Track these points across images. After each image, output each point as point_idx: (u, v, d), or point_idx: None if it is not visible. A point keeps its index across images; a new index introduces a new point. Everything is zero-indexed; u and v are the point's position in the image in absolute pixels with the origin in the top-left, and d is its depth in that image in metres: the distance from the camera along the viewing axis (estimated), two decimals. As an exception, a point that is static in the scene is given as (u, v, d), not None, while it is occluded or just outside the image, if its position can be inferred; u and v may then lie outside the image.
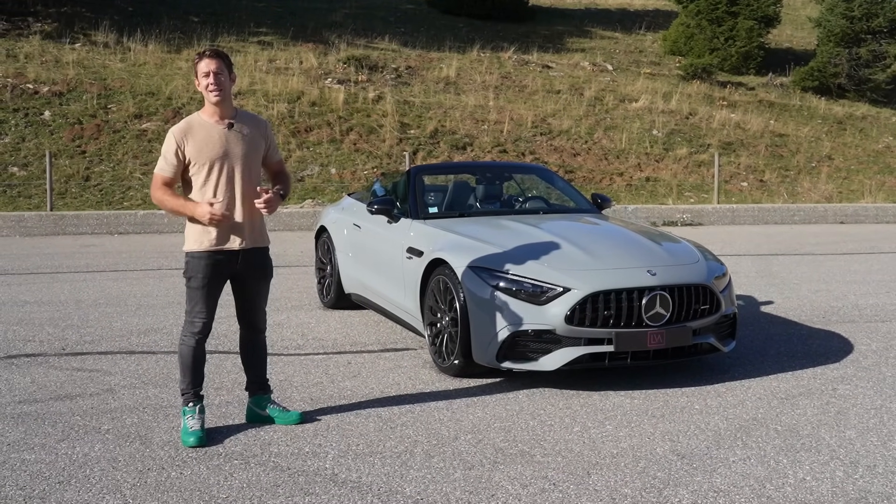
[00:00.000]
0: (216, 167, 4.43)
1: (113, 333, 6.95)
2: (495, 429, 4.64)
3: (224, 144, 4.44)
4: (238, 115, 4.57)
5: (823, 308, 8.04)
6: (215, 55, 4.46)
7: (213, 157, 4.42)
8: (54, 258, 11.36)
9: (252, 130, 4.57)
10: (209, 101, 4.46)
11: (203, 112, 4.53)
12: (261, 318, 4.77)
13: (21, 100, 17.75)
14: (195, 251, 4.47)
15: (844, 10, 26.03)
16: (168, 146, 4.44)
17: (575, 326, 5.18)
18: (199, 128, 4.45)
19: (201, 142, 4.41)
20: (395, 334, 6.95)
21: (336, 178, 17.19)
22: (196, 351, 4.54)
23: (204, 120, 4.49)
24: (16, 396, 5.23)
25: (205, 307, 4.50)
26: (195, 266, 4.47)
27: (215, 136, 4.44)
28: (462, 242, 5.88)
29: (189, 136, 4.41)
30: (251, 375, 4.81)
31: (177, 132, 4.44)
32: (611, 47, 27.60)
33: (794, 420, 4.78)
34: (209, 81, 4.41)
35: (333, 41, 23.05)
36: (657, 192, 18.49)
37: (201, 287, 4.47)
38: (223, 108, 4.48)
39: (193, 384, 4.56)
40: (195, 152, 4.40)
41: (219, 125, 4.47)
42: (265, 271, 4.70)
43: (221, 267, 4.50)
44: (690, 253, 5.85)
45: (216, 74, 4.41)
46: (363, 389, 5.39)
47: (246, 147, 4.51)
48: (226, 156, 4.44)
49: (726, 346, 5.69)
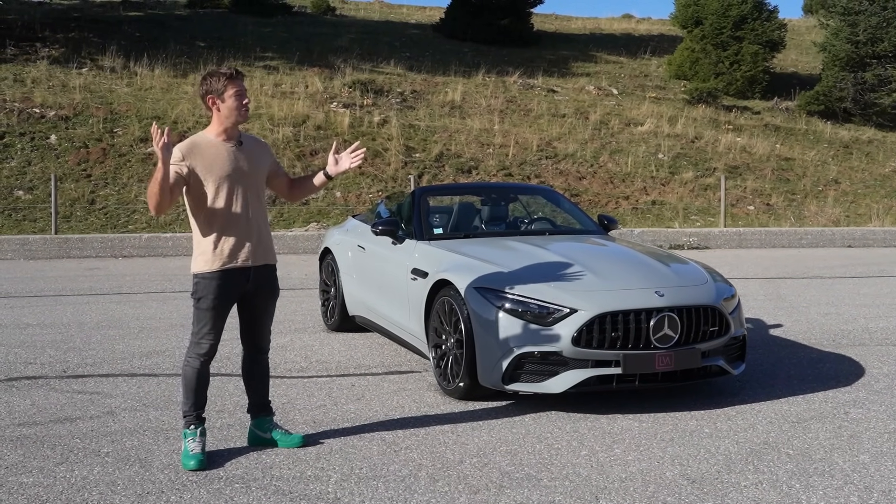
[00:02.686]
0: (226, 183, 4.41)
1: (115, 356, 6.88)
2: (501, 452, 4.55)
3: (233, 161, 4.44)
4: (243, 135, 4.60)
5: (833, 331, 7.94)
6: (243, 77, 4.50)
7: (223, 173, 4.40)
8: (58, 281, 11.31)
9: (256, 150, 4.60)
10: (237, 121, 4.45)
11: (209, 132, 4.51)
12: (265, 338, 4.72)
13: (27, 124, 17.80)
14: (205, 272, 4.42)
15: (849, 35, 26.08)
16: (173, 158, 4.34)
17: (582, 348, 5.10)
18: (206, 146, 4.43)
19: (211, 158, 4.39)
20: (400, 357, 6.87)
21: (341, 201, 17.16)
22: (201, 373, 4.48)
23: (211, 139, 4.47)
24: (15, 419, 5.16)
25: (213, 328, 4.45)
26: (205, 287, 4.42)
27: (224, 153, 4.44)
28: (467, 263, 5.82)
29: (195, 153, 4.38)
30: (253, 397, 4.74)
31: (184, 148, 4.40)
32: (616, 72, 27.67)
33: (806, 444, 4.68)
34: (245, 101, 4.44)
35: (339, 66, 23.14)
36: (663, 216, 18.43)
37: (211, 308, 4.41)
38: (234, 129, 4.49)
39: (196, 406, 4.49)
40: (205, 169, 4.38)
41: (227, 143, 4.47)
42: (273, 290, 4.65)
43: (232, 287, 4.46)
44: (699, 274, 5.78)
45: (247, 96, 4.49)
46: (367, 412, 5.31)
47: (254, 164, 4.53)
48: (236, 172, 4.44)
49: (736, 368, 5.60)
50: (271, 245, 4.66)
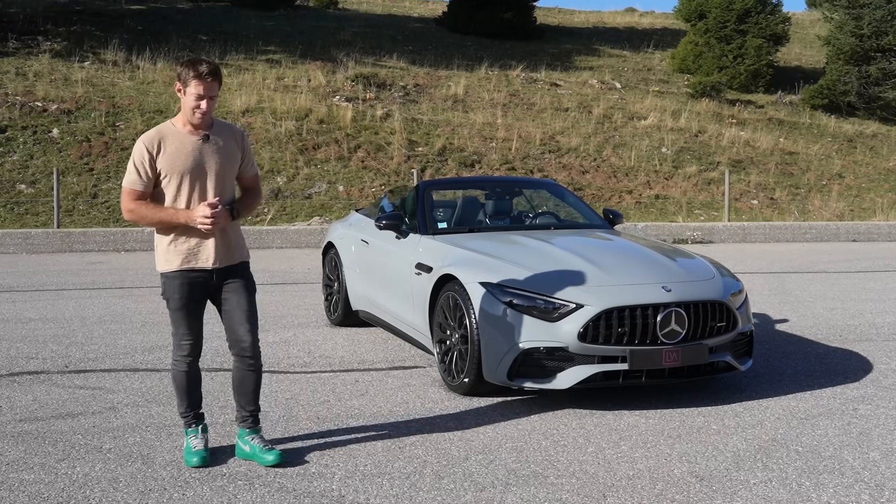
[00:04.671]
0: (187, 180, 4.11)
1: (117, 351, 6.84)
2: (507, 449, 4.51)
3: (197, 157, 4.13)
4: (214, 126, 4.25)
5: (840, 326, 7.88)
6: (214, 77, 4.08)
7: (184, 170, 4.10)
8: (60, 275, 11.28)
9: (228, 142, 4.25)
10: (191, 120, 4.14)
11: (176, 121, 4.20)
12: (245, 336, 4.27)
13: (30, 117, 17.75)
14: (166, 271, 4.21)
15: (854, 29, 25.96)
16: (139, 156, 4.09)
17: (588, 344, 5.05)
18: (171, 137, 4.12)
19: (173, 153, 4.09)
20: (404, 352, 6.82)
21: (344, 196, 17.11)
22: (189, 374, 4.32)
23: (177, 129, 4.16)
24: (17, 414, 5.12)
25: (188, 329, 4.27)
26: (170, 287, 4.21)
27: (188, 146, 4.12)
28: (472, 258, 5.77)
29: (161, 146, 4.09)
30: (238, 405, 4.42)
31: (147, 141, 4.10)
32: (619, 65, 27.57)
33: (815, 441, 4.63)
34: (199, 106, 4.08)
35: (341, 59, 23.06)
36: (667, 210, 18.36)
37: (179, 308, 4.22)
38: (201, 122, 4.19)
39: (191, 406, 4.38)
40: (167, 164, 4.08)
41: (193, 136, 4.15)
42: (245, 283, 4.32)
43: (196, 287, 4.21)
44: (706, 269, 5.72)
45: (210, 100, 4.11)
46: (371, 408, 5.27)
47: (220, 160, 4.19)
48: (198, 168, 4.13)
49: (743, 364, 5.55)
50: (240, 243, 4.36)
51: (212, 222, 4.05)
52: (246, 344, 4.27)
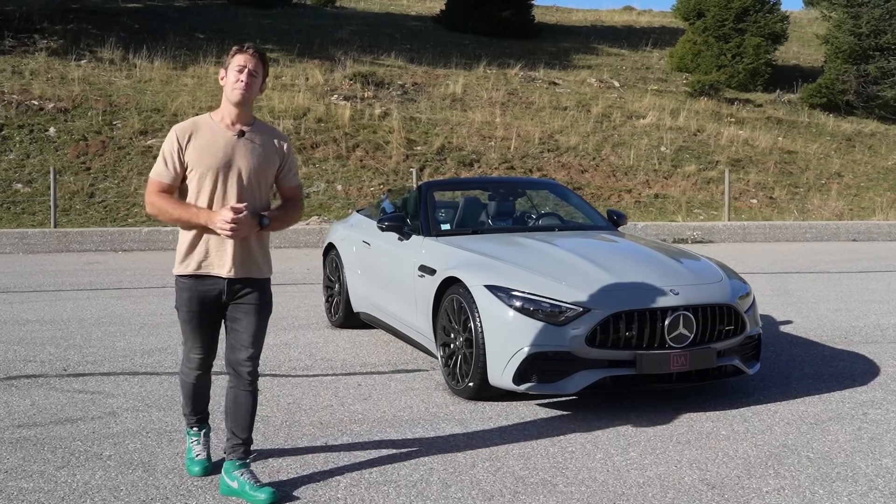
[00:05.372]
0: (212, 176, 3.79)
1: (116, 354, 6.76)
2: (514, 455, 4.44)
3: (228, 153, 3.81)
4: (256, 124, 3.95)
5: (844, 328, 7.82)
6: (258, 54, 3.85)
7: (211, 165, 3.79)
8: (57, 276, 11.18)
9: (266, 144, 3.93)
10: (230, 98, 3.83)
11: (214, 113, 3.92)
12: (248, 362, 3.92)
13: (26, 116, 17.65)
14: (178, 275, 3.90)
15: (852, 27, 25.93)
16: (169, 146, 3.82)
17: (596, 348, 4.98)
18: (204, 129, 3.84)
19: (203, 145, 3.80)
20: (406, 354, 6.75)
21: (342, 195, 17.03)
22: (197, 384, 4.10)
23: (212, 122, 3.88)
24: (15, 420, 5.03)
25: (195, 343, 3.96)
26: (180, 296, 3.93)
27: (221, 141, 3.82)
28: (476, 260, 5.69)
29: (193, 137, 3.81)
30: (229, 431, 4.00)
31: (180, 130, 3.83)
32: (617, 64, 27.51)
33: (826, 447, 4.57)
34: (240, 77, 3.79)
35: (339, 58, 22.97)
36: (666, 209, 18.31)
37: (188, 321, 3.93)
38: (241, 112, 3.86)
39: (195, 411, 4.20)
40: (195, 156, 3.79)
41: (228, 130, 3.85)
42: (259, 303, 3.95)
43: (208, 299, 3.88)
44: (713, 271, 5.66)
45: (251, 73, 3.81)
46: (375, 413, 5.19)
47: (254, 161, 3.86)
48: (227, 166, 3.80)
49: (751, 368, 5.49)
50: (263, 257, 3.99)
51: (232, 228, 3.69)
52: (246, 369, 3.92)
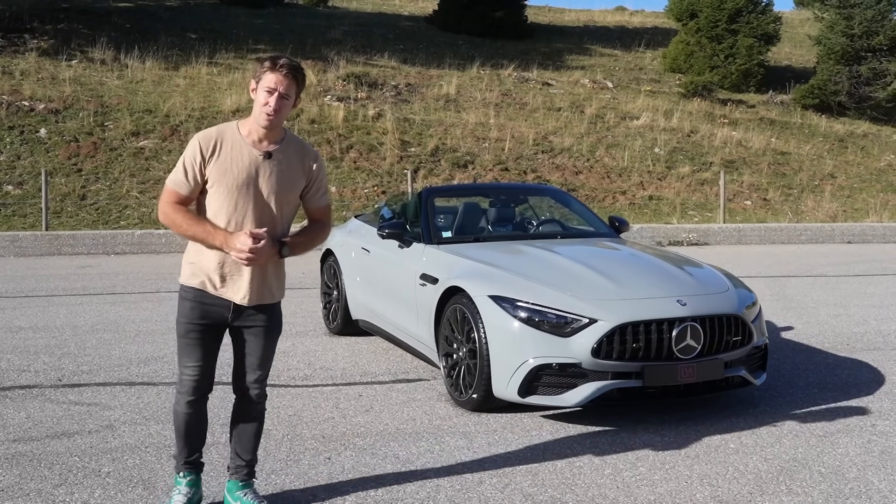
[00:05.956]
0: (233, 196, 3.54)
1: (111, 363, 6.66)
2: (521, 471, 4.36)
3: (251, 174, 3.56)
4: (285, 141, 3.68)
5: (846, 334, 7.78)
6: (292, 73, 3.57)
7: (232, 184, 3.54)
8: (50, 280, 11.06)
9: (293, 164, 3.66)
10: (258, 121, 3.57)
11: (242, 125, 3.65)
12: (254, 383, 3.75)
13: (17, 117, 17.49)
14: (183, 284, 3.65)
15: (845, 28, 25.99)
16: (191, 155, 3.55)
17: (602, 360, 4.91)
18: (230, 142, 3.58)
19: (227, 162, 3.54)
20: (406, 363, 6.67)
21: (336, 197, 16.93)
22: (190, 415, 3.70)
23: (239, 136, 3.60)
24: (10, 434, 4.93)
25: (192, 360, 3.64)
26: (182, 308, 3.64)
27: (245, 159, 3.56)
28: (480, 269, 5.62)
29: (217, 150, 3.55)
30: (233, 452, 3.86)
31: (204, 140, 3.56)
32: (610, 64, 27.49)
33: (836, 461, 4.51)
34: (268, 101, 3.53)
35: (332, 58, 22.87)
36: (661, 211, 18.27)
37: (186, 333, 3.63)
38: (269, 132, 3.63)
39: (187, 451, 3.76)
40: (216, 172, 3.53)
41: (255, 149, 3.59)
42: (270, 327, 3.73)
43: (211, 314, 3.62)
44: (720, 281, 5.59)
45: (281, 97, 3.54)
46: (377, 426, 5.11)
47: (279, 184, 3.61)
48: (249, 187, 3.55)
49: (757, 378, 5.42)
50: (280, 282, 3.75)
51: (248, 257, 3.47)
52: (254, 391, 3.77)
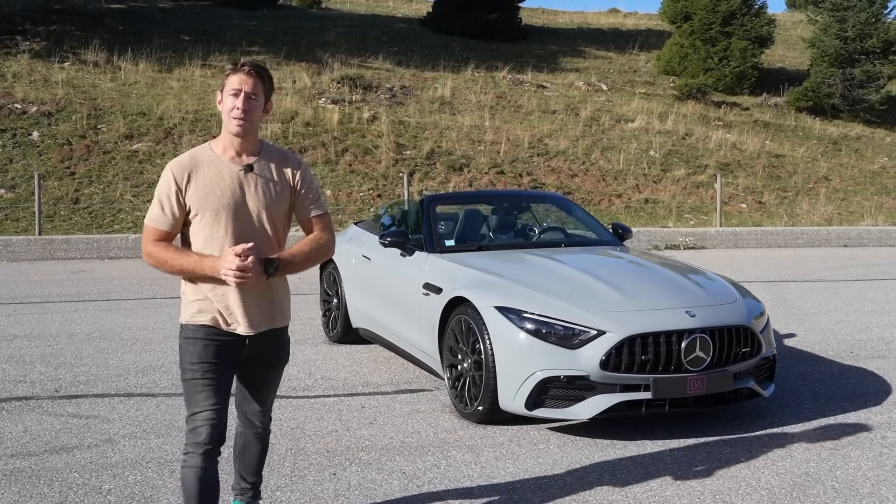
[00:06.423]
0: (222, 220, 3.27)
1: (109, 373, 6.56)
2: (531, 487, 4.29)
3: (236, 192, 3.30)
4: (263, 151, 3.42)
5: (849, 341, 7.74)
6: (255, 72, 3.30)
7: (218, 207, 3.27)
8: (44, 285, 10.94)
9: (278, 175, 3.40)
10: (228, 129, 3.31)
11: (215, 144, 3.38)
12: (260, 413, 3.58)
13: (9, 120, 17.33)
14: (185, 323, 3.34)
15: (838, 31, 25.99)
16: (165, 187, 3.28)
17: (610, 372, 4.84)
18: (206, 165, 3.30)
19: (207, 184, 3.27)
20: (408, 373, 6.59)
21: (332, 200, 16.83)
22: (203, 473, 3.27)
23: (214, 155, 3.33)
24: (8, 449, 4.84)
25: (209, 405, 3.26)
26: (186, 350, 3.31)
27: (226, 178, 3.29)
28: (484, 279, 5.54)
29: (193, 176, 3.28)
30: (237, 473, 3.71)
31: (177, 169, 3.29)
32: (605, 67, 27.45)
33: (849, 475, 4.45)
34: (235, 104, 3.27)
35: (327, 60, 22.76)
36: (656, 214, 18.23)
37: (200, 377, 3.27)
38: (245, 142, 3.35)
39: None
40: (198, 199, 3.27)
41: (233, 164, 3.32)
42: (278, 358, 3.54)
43: (222, 352, 3.32)
44: (728, 291, 5.53)
45: (248, 97, 3.27)
46: (382, 439, 5.03)
47: (267, 196, 3.35)
48: (236, 207, 3.28)
49: (765, 389, 5.37)
50: (285, 304, 3.49)
51: (237, 276, 3.15)
52: (259, 419, 3.59)
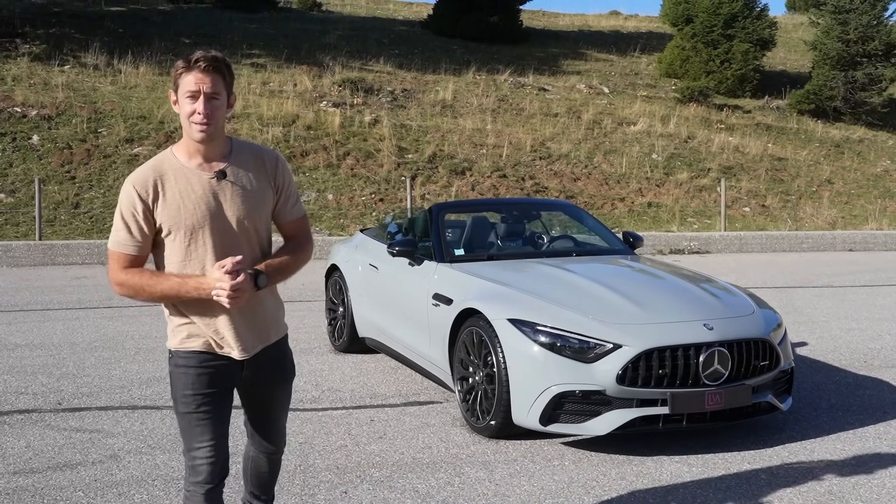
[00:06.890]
0: (200, 236, 2.89)
1: (112, 384, 6.45)
2: (548, 506, 4.19)
3: (210, 203, 2.90)
4: (234, 151, 2.99)
5: (862, 350, 7.63)
6: (213, 67, 2.83)
7: (194, 223, 2.88)
8: (44, 292, 10.83)
9: (253, 175, 2.98)
10: (191, 136, 2.88)
11: (179, 150, 2.95)
12: (276, 435, 3.29)
13: (8, 123, 17.22)
14: (174, 350, 3.00)
15: (840, 34, 25.92)
16: (128, 206, 2.86)
17: (627, 387, 4.73)
18: (173, 176, 2.89)
19: (177, 198, 2.87)
20: (416, 384, 6.48)
21: (333, 204, 16.73)
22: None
23: (181, 163, 2.91)
24: (10, 465, 4.73)
25: (207, 440, 2.93)
26: (178, 379, 2.96)
27: (198, 189, 2.89)
28: (496, 291, 5.43)
29: (160, 190, 2.87)
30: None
31: (140, 184, 2.86)
32: (606, 69, 27.36)
33: (874, 494, 4.34)
34: (196, 109, 2.82)
35: (328, 63, 22.66)
36: (660, 218, 18.13)
37: (194, 410, 2.93)
38: (211, 146, 2.92)
39: None
40: (169, 215, 2.87)
41: (203, 172, 2.91)
42: (283, 374, 3.20)
43: (217, 380, 2.97)
44: (745, 302, 5.42)
45: (210, 98, 2.83)
46: (393, 455, 4.92)
47: (245, 203, 2.95)
48: (215, 220, 2.90)
49: (783, 403, 5.26)
50: (279, 316, 3.15)
51: (230, 296, 2.78)
52: (273, 445, 3.32)
